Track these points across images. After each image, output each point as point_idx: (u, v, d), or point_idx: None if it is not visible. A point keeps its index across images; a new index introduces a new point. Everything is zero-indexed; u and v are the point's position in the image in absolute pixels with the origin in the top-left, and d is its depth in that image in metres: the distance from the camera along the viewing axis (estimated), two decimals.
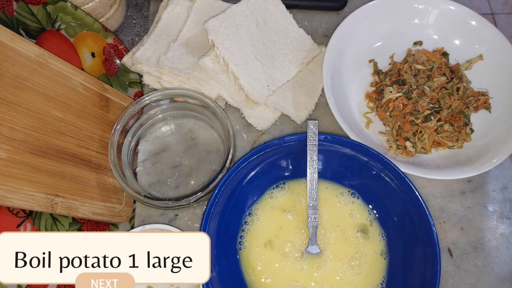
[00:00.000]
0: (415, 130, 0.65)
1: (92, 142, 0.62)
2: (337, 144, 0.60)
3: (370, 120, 0.71)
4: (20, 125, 0.51)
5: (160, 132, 0.70)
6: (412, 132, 0.65)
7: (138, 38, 0.79)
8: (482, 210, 0.67)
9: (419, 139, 0.65)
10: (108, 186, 0.63)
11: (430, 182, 0.68)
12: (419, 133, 0.65)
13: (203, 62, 0.65)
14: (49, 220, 0.56)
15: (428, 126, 0.64)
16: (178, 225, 0.65)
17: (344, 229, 0.60)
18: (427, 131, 0.64)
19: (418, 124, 0.64)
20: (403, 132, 0.65)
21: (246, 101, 0.69)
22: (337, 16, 0.81)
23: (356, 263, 0.58)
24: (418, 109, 0.65)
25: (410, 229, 0.57)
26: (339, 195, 0.62)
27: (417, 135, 0.65)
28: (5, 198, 0.47)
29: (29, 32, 0.61)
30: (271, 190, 0.63)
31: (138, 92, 0.74)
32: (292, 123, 0.71)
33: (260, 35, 0.71)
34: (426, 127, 0.64)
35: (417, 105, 0.65)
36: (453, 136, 0.65)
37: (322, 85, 0.68)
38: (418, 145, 0.65)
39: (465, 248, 0.65)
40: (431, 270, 0.53)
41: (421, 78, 0.68)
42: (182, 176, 0.67)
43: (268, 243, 0.59)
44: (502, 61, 0.70)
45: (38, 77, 0.55)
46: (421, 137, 0.65)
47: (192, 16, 0.72)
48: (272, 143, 0.58)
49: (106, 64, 0.72)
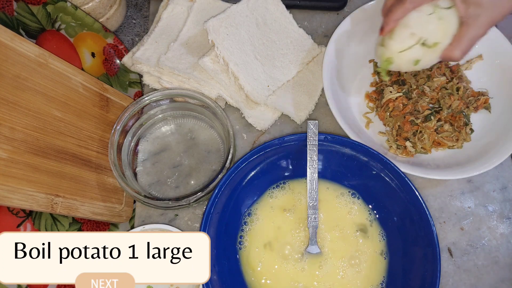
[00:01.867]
0: (415, 130, 0.65)
1: (92, 142, 0.62)
2: (337, 144, 0.60)
3: (370, 120, 0.71)
4: (20, 125, 0.51)
5: (160, 132, 0.70)
6: (412, 132, 0.65)
7: (138, 38, 0.79)
8: (482, 210, 0.67)
9: (419, 139, 0.65)
10: (108, 186, 0.63)
11: (430, 182, 0.68)
12: (419, 133, 0.65)
13: (203, 62, 0.65)
14: (49, 220, 0.56)
15: (428, 126, 0.64)
16: (178, 225, 0.65)
17: (343, 228, 0.60)
18: (427, 131, 0.64)
19: (418, 124, 0.64)
20: (403, 132, 0.65)
21: (246, 101, 0.69)
22: (337, 16, 0.81)
23: (356, 262, 0.58)
24: (418, 109, 0.65)
25: (410, 229, 0.57)
26: (339, 195, 0.62)
27: (417, 135, 0.65)
28: (5, 198, 0.47)
29: (29, 32, 0.61)
30: (271, 190, 0.63)
31: (138, 92, 0.74)
32: (292, 123, 0.71)
33: (260, 35, 0.71)
34: (426, 127, 0.64)
35: (417, 105, 0.65)
36: (453, 136, 0.65)
37: (322, 85, 0.68)
38: (418, 145, 0.65)
39: (465, 248, 0.65)
40: (431, 270, 0.53)
41: (421, 78, 0.68)
42: (182, 176, 0.67)
43: (268, 245, 0.59)
44: (502, 61, 0.70)
45: (38, 77, 0.55)
46: (421, 137, 0.65)
47: (192, 16, 0.72)
48: (272, 143, 0.58)
49: (106, 64, 0.72)
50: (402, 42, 0.56)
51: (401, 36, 0.56)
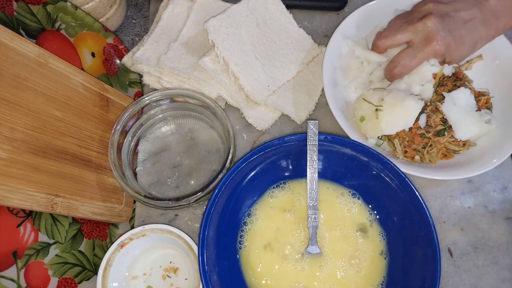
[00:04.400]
0: (425, 143, 0.64)
1: (92, 142, 0.62)
2: (337, 144, 0.60)
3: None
4: (20, 125, 0.51)
5: (160, 132, 0.70)
6: (422, 145, 0.64)
7: (138, 38, 0.79)
8: (482, 210, 0.67)
9: (428, 152, 0.64)
10: (108, 186, 0.63)
11: (430, 182, 0.68)
12: (429, 146, 0.64)
13: (203, 62, 0.65)
14: (49, 220, 0.56)
15: (439, 141, 0.63)
16: (178, 225, 0.65)
17: (343, 228, 0.60)
18: (437, 146, 0.64)
19: (430, 137, 0.64)
20: (413, 144, 0.65)
21: (246, 101, 0.68)
22: (337, 16, 0.81)
23: (356, 262, 0.58)
24: (430, 124, 0.64)
25: (410, 229, 0.57)
26: (339, 195, 0.62)
27: (427, 148, 0.64)
28: (5, 198, 0.47)
29: (29, 32, 0.61)
30: (271, 189, 0.63)
31: (138, 92, 0.74)
32: (292, 123, 0.71)
33: (260, 35, 0.71)
34: (438, 141, 0.63)
35: (430, 120, 0.64)
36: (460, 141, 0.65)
37: (322, 85, 0.68)
38: (426, 157, 0.65)
39: (465, 248, 0.65)
40: (431, 270, 0.53)
41: (434, 95, 0.67)
42: (182, 176, 0.67)
43: (268, 245, 0.59)
44: (502, 62, 0.70)
45: (38, 77, 0.55)
46: (431, 150, 0.64)
47: (192, 16, 0.72)
48: (272, 143, 0.58)
49: (106, 64, 0.72)
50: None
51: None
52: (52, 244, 0.56)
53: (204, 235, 0.54)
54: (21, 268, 0.52)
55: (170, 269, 0.62)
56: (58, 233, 0.57)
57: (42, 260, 0.54)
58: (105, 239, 0.64)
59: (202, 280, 0.52)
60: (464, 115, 0.63)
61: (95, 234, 0.63)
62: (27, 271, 0.52)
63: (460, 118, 0.63)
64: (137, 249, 0.61)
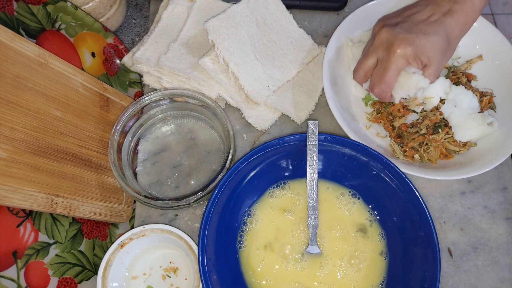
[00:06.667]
0: (421, 141, 0.64)
1: (92, 142, 0.62)
2: (337, 144, 0.60)
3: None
4: (20, 125, 0.51)
5: (160, 132, 0.70)
6: (418, 143, 0.64)
7: (138, 38, 0.79)
8: (482, 210, 0.67)
9: (425, 151, 0.64)
10: (108, 186, 0.63)
11: (430, 182, 0.68)
12: (425, 145, 0.64)
13: (203, 62, 0.65)
14: (49, 220, 0.56)
15: (435, 139, 0.63)
16: (178, 225, 0.65)
17: (343, 228, 0.60)
18: (433, 144, 0.63)
19: (425, 135, 0.63)
20: (409, 142, 0.64)
21: (246, 101, 0.69)
22: (337, 16, 0.81)
23: (355, 261, 0.58)
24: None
25: (410, 229, 0.57)
26: (339, 195, 0.62)
27: (423, 146, 0.64)
28: (5, 198, 0.47)
29: (29, 32, 0.61)
30: (271, 189, 0.63)
31: (138, 92, 0.74)
32: (292, 123, 0.71)
33: (260, 35, 0.71)
34: (433, 139, 0.63)
35: (427, 118, 0.64)
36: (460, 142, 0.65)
37: (322, 85, 0.68)
38: (425, 156, 0.64)
39: (465, 248, 0.65)
40: (431, 271, 0.53)
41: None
42: (182, 176, 0.67)
43: (268, 246, 0.59)
44: (502, 62, 0.70)
45: (38, 77, 0.55)
46: (427, 149, 0.64)
47: (192, 16, 0.72)
48: (272, 143, 0.58)
49: (106, 64, 0.72)
50: None
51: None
52: (52, 244, 0.56)
53: (204, 235, 0.54)
54: (21, 268, 0.52)
55: (170, 269, 0.62)
56: (58, 233, 0.57)
57: (42, 260, 0.54)
58: (105, 239, 0.64)
59: (202, 280, 0.52)
60: (465, 118, 0.62)
61: (95, 234, 0.63)
62: (27, 271, 0.52)
63: (461, 121, 0.62)
64: (137, 249, 0.61)
